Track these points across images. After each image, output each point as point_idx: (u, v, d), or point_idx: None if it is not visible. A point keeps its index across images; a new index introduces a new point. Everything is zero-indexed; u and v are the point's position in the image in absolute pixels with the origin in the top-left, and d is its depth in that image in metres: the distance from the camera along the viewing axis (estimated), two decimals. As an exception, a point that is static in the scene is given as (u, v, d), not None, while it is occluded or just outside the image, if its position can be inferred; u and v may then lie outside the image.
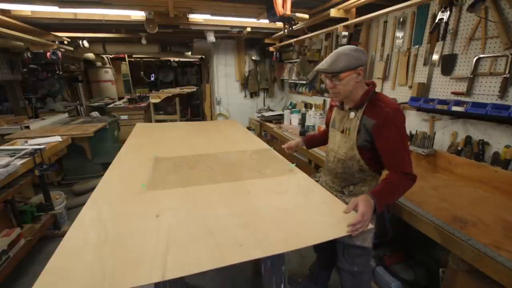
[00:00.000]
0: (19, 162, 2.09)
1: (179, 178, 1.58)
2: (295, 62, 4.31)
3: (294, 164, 1.76)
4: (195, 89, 7.22)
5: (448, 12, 1.87)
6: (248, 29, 3.91)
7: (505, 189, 1.60)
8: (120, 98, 7.57)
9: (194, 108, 7.80)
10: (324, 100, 3.94)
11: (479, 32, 1.80)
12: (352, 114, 1.37)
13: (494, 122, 1.74)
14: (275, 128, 3.80)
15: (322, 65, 1.30)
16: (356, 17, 2.60)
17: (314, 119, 3.42)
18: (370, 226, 1.13)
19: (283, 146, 1.93)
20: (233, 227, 1.09)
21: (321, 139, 1.80)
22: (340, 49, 1.30)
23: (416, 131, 2.21)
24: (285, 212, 1.21)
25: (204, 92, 6.03)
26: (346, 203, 1.31)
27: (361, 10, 2.55)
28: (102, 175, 1.62)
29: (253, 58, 5.09)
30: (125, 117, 5.45)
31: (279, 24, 3.42)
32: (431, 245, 1.93)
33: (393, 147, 1.25)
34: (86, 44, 4.80)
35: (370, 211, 1.13)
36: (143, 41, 4.53)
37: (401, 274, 1.84)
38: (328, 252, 1.76)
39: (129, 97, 6.86)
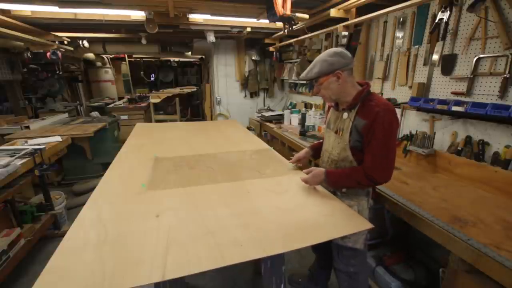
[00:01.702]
0: (19, 162, 2.09)
1: (179, 178, 1.58)
2: (295, 62, 4.31)
3: (295, 164, 1.76)
4: (195, 89, 7.21)
5: (448, 12, 1.87)
6: (248, 29, 3.91)
7: (505, 189, 1.60)
8: (120, 98, 7.57)
9: (194, 108, 7.80)
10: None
11: (479, 32, 1.80)
12: (345, 114, 1.37)
13: (494, 122, 1.74)
14: (275, 128, 3.80)
15: (303, 73, 1.40)
16: (356, 17, 2.60)
17: (314, 119, 3.42)
18: (368, 226, 1.13)
19: (290, 161, 1.75)
20: (233, 227, 1.09)
21: None
22: (320, 55, 1.36)
23: (416, 131, 2.21)
24: (285, 212, 1.21)
25: (204, 92, 6.03)
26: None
27: (361, 10, 2.55)
28: (102, 175, 1.62)
29: (253, 58, 5.09)
30: (125, 117, 5.45)
31: (279, 24, 3.42)
32: (431, 245, 1.93)
33: (376, 148, 1.26)
34: (86, 44, 4.80)
35: (315, 183, 1.41)
36: (143, 41, 4.53)
37: (401, 274, 1.84)
38: (327, 253, 1.76)
39: (129, 97, 6.86)
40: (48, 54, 3.98)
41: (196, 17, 3.45)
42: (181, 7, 2.87)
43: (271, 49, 4.74)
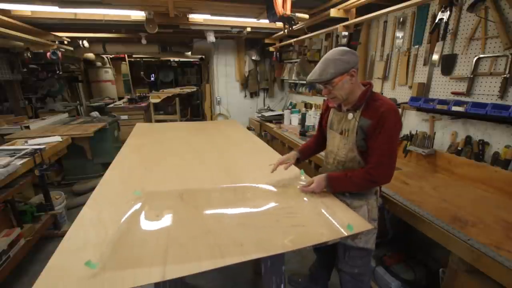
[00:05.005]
0: (19, 162, 2.09)
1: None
2: (295, 62, 4.31)
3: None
4: (195, 89, 7.21)
5: (448, 12, 1.87)
6: (248, 29, 3.90)
7: (505, 189, 1.59)
8: (120, 98, 7.55)
9: (194, 108, 7.79)
10: (324, 100, 3.93)
11: (479, 32, 1.80)
12: (350, 115, 1.36)
13: (494, 122, 1.74)
14: (275, 128, 3.80)
15: (313, 75, 1.30)
16: (356, 17, 2.59)
17: (314, 119, 3.42)
18: (372, 226, 1.13)
19: (275, 165, 1.57)
20: (233, 227, 1.09)
21: (315, 148, 1.73)
22: (328, 54, 1.29)
23: (416, 131, 2.21)
24: (285, 212, 1.21)
25: (204, 92, 6.02)
26: (347, 204, 1.33)
27: (361, 10, 2.54)
28: (102, 175, 1.62)
29: (253, 58, 5.08)
30: (125, 117, 5.44)
31: (279, 24, 3.41)
32: (431, 245, 1.93)
33: (379, 147, 1.26)
34: (86, 44, 4.79)
35: (318, 188, 1.36)
36: (143, 41, 4.52)
37: (401, 274, 1.83)
38: (327, 253, 1.76)
39: (129, 97, 6.85)
40: (48, 54, 3.97)
41: (196, 17, 3.45)
42: (181, 7, 2.87)
43: (271, 49, 4.73)
